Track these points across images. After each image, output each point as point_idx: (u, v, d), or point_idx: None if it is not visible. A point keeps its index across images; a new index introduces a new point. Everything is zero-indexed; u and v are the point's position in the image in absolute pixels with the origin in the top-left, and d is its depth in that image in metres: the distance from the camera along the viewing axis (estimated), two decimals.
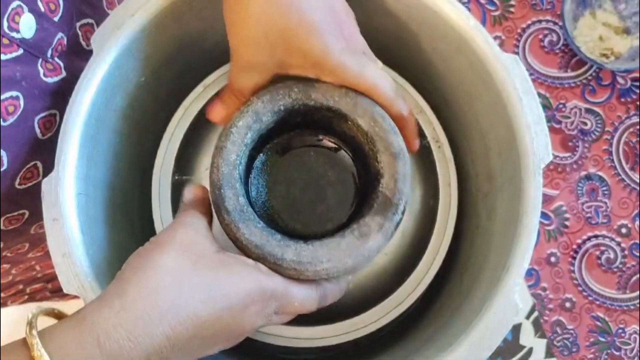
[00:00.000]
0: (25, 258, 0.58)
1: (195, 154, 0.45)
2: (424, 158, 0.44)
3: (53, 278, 0.78)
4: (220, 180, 0.34)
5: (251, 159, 0.39)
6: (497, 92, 0.37)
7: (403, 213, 0.35)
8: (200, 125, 0.45)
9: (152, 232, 0.43)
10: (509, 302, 0.34)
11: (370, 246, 0.33)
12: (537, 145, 0.35)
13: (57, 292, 0.83)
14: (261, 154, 0.40)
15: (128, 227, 0.43)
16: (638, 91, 0.61)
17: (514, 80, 0.37)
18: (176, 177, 0.44)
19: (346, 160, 0.40)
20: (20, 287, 0.71)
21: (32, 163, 0.41)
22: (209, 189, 0.35)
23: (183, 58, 0.44)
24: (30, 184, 0.42)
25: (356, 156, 0.40)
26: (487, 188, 0.41)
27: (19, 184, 0.41)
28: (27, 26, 0.37)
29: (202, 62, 0.45)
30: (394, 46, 0.44)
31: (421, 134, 0.43)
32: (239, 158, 0.35)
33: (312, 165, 0.40)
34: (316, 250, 0.33)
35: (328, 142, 0.40)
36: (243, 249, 0.33)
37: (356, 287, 0.43)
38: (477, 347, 0.33)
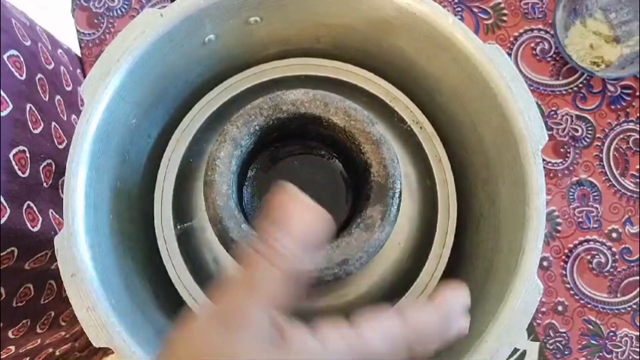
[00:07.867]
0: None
1: (192, 196, 0.44)
2: (409, 141, 0.44)
3: (80, 336, 0.77)
4: (219, 214, 0.34)
5: (239, 185, 0.39)
6: (484, 83, 0.38)
7: (400, 196, 0.35)
8: (189, 165, 0.44)
9: (164, 274, 0.42)
10: (530, 283, 0.34)
11: (379, 235, 0.34)
12: (532, 128, 0.36)
13: (84, 350, 0.82)
14: (248, 177, 0.40)
15: (142, 271, 0.42)
16: (628, 98, 0.62)
17: (500, 69, 0.38)
18: (178, 227, 0.43)
19: (331, 160, 0.41)
20: (50, 350, 0.70)
21: None
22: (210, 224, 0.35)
23: (170, 93, 0.44)
24: None
25: (340, 154, 0.40)
26: (485, 176, 0.41)
27: None
28: None
29: (188, 95, 0.46)
30: (376, 51, 0.45)
31: (401, 119, 0.44)
32: (230, 187, 0.35)
33: (299, 173, 0.40)
34: (329, 254, 0.34)
35: (309, 148, 0.41)
36: None
37: (383, 282, 0.43)
38: (506, 333, 0.34)
